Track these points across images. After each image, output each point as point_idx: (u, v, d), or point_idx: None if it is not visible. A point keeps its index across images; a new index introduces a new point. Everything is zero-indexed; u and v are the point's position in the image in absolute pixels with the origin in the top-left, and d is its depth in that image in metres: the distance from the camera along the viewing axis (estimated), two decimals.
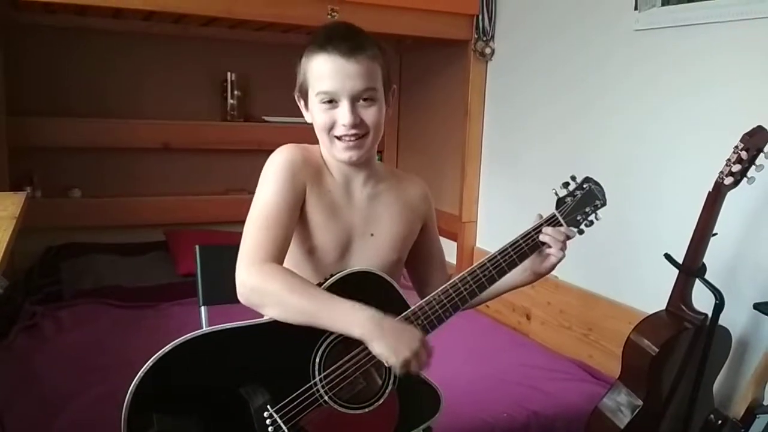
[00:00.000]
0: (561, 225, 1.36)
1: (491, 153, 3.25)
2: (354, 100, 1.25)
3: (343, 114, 1.25)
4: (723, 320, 1.78)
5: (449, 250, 3.31)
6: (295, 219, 1.27)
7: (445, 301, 1.26)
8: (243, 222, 1.26)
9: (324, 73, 1.24)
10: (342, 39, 1.24)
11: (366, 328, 1.15)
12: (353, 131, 1.25)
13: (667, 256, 1.86)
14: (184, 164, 3.64)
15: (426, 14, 3.05)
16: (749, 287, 1.98)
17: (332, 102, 1.25)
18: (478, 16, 3.10)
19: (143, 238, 3.52)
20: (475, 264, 1.31)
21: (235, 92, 3.61)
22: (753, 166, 1.71)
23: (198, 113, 3.63)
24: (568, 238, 1.33)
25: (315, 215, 1.30)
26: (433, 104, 3.64)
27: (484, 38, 3.12)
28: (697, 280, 1.83)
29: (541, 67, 2.87)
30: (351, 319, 1.16)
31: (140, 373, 1.10)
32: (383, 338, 1.15)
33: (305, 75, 1.29)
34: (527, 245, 1.33)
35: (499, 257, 1.31)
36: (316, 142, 1.36)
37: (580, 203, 1.38)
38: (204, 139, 3.56)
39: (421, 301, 1.27)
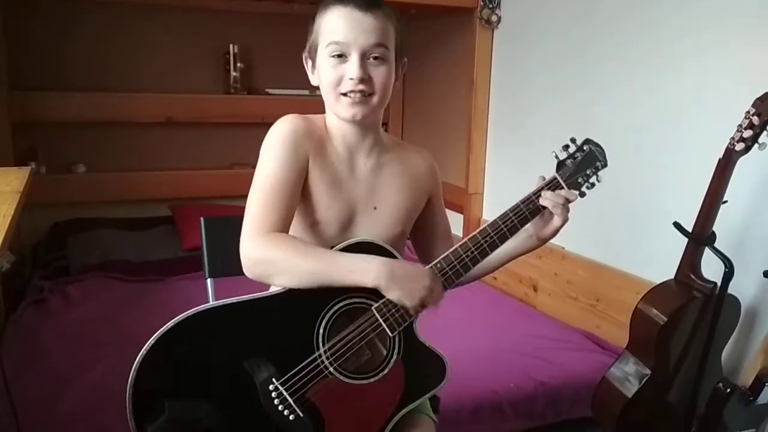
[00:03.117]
0: (562, 188, 1.34)
1: (498, 123, 3.22)
2: (364, 56, 1.22)
3: (351, 68, 1.22)
4: (732, 289, 1.77)
5: (455, 222, 3.30)
6: (299, 190, 1.25)
7: (446, 268, 1.25)
8: (247, 196, 1.24)
9: (337, 24, 1.22)
10: None
11: (378, 277, 1.15)
12: (360, 87, 1.22)
13: (676, 225, 1.84)
14: (187, 138, 3.63)
15: None
16: (759, 255, 1.96)
17: (341, 56, 1.22)
18: None
19: (148, 212, 3.54)
20: (475, 231, 1.29)
21: (238, 64, 3.58)
22: (765, 132, 1.68)
23: (201, 86, 3.61)
24: (569, 201, 1.31)
25: (318, 188, 1.28)
26: (439, 74, 3.60)
27: (490, 5, 3.07)
28: (707, 249, 1.81)
29: (548, 34, 2.82)
30: (361, 270, 1.16)
31: (144, 349, 1.10)
32: (396, 285, 1.16)
33: (317, 30, 1.26)
34: (528, 209, 1.31)
35: (500, 222, 1.30)
36: (319, 113, 1.34)
37: (581, 165, 1.35)
38: (207, 113, 3.54)
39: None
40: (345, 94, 1.24)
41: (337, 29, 1.22)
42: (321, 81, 1.27)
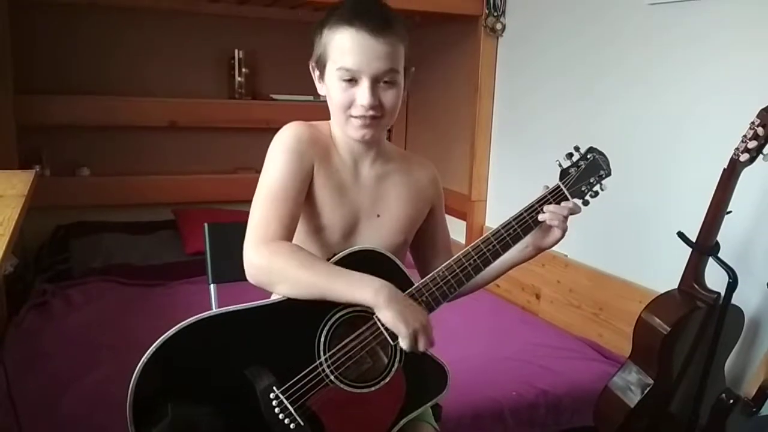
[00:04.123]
0: (565, 196, 1.33)
1: (502, 131, 3.22)
2: (375, 81, 1.22)
3: (362, 94, 1.21)
4: (736, 299, 1.76)
5: (458, 229, 3.30)
6: (303, 197, 1.25)
7: (449, 277, 1.25)
8: (251, 201, 1.24)
9: (348, 48, 1.20)
10: (370, 15, 1.20)
11: (376, 297, 1.14)
12: (371, 112, 1.22)
13: (680, 234, 1.83)
14: (191, 142, 3.64)
15: None
16: (763, 266, 1.95)
17: (352, 80, 1.22)
18: None
19: (152, 216, 3.54)
20: (478, 239, 1.29)
21: (243, 70, 3.59)
22: None
23: (205, 91, 3.62)
24: (573, 213, 1.31)
25: (322, 195, 1.28)
26: (443, 81, 3.60)
27: (495, 13, 3.07)
28: (710, 259, 1.81)
29: (553, 43, 2.83)
30: (362, 289, 1.15)
31: (145, 357, 1.09)
32: (394, 308, 1.14)
33: (326, 47, 1.24)
34: (531, 219, 1.31)
35: (503, 231, 1.29)
36: (324, 119, 1.34)
37: (585, 174, 1.35)
38: (211, 118, 3.55)
39: (425, 278, 1.25)
40: (355, 117, 1.24)
41: (347, 54, 1.20)
42: (330, 99, 1.27)
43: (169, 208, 3.51)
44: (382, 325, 1.19)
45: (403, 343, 1.16)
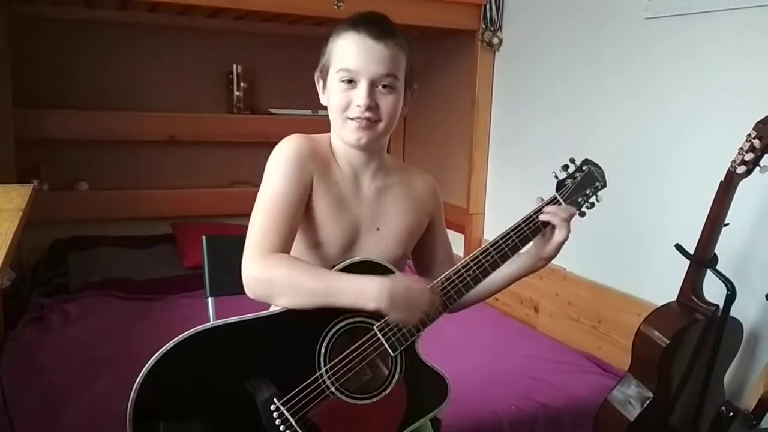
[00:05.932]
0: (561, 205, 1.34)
1: (499, 144, 3.23)
2: (373, 84, 1.24)
3: (359, 95, 1.23)
4: (734, 311, 1.76)
5: (457, 242, 3.29)
6: (302, 210, 1.25)
7: (448, 288, 1.25)
8: (250, 215, 1.24)
9: (349, 51, 1.24)
10: (374, 22, 1.24)
11: (378, 300, 1.14)
12: (367, 114, 1.24)
13: (678, 247, 1.84)
14: (190, 157, 3.64)
15: (433, 4, 3.04)
16: (761, 278, 1.96)
17: (351, 82, 1.24)
18: (485, 6, 3.08)
19: (150, 230, 3.54)
20: (476, 250, 1.29)
21: (242, 84, 3.61)
22: (766, 155, 1.68)
23: (204, 105, 3.63)
24: (571, 215, 1.32)
25: (321, 208, 1.28)
26: (441, 95, 3.62)
27: (492, 28, 3.09)
28: (709, 271, 1.81)
29: (549, 56, 2.84)
30: (362, 293, 1.15)
31: (145, 369, 1.09)
32: (396, 308, 1.15)
33: (330, 53, 1.28)
34: (529, 228, 1.31)
35: (501, 242, 1.30)
36: (323, 133, 1.35)
37: (581, 185, 1.36)
38: (210, 132, 3.56)
39: None
40: (352, 119, 1.25)
41: (348, 56, 1.23)
42: (330, 103, 1.28)
43: (167, 222, 3.51)
44: (383, 336, 1.19)
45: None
